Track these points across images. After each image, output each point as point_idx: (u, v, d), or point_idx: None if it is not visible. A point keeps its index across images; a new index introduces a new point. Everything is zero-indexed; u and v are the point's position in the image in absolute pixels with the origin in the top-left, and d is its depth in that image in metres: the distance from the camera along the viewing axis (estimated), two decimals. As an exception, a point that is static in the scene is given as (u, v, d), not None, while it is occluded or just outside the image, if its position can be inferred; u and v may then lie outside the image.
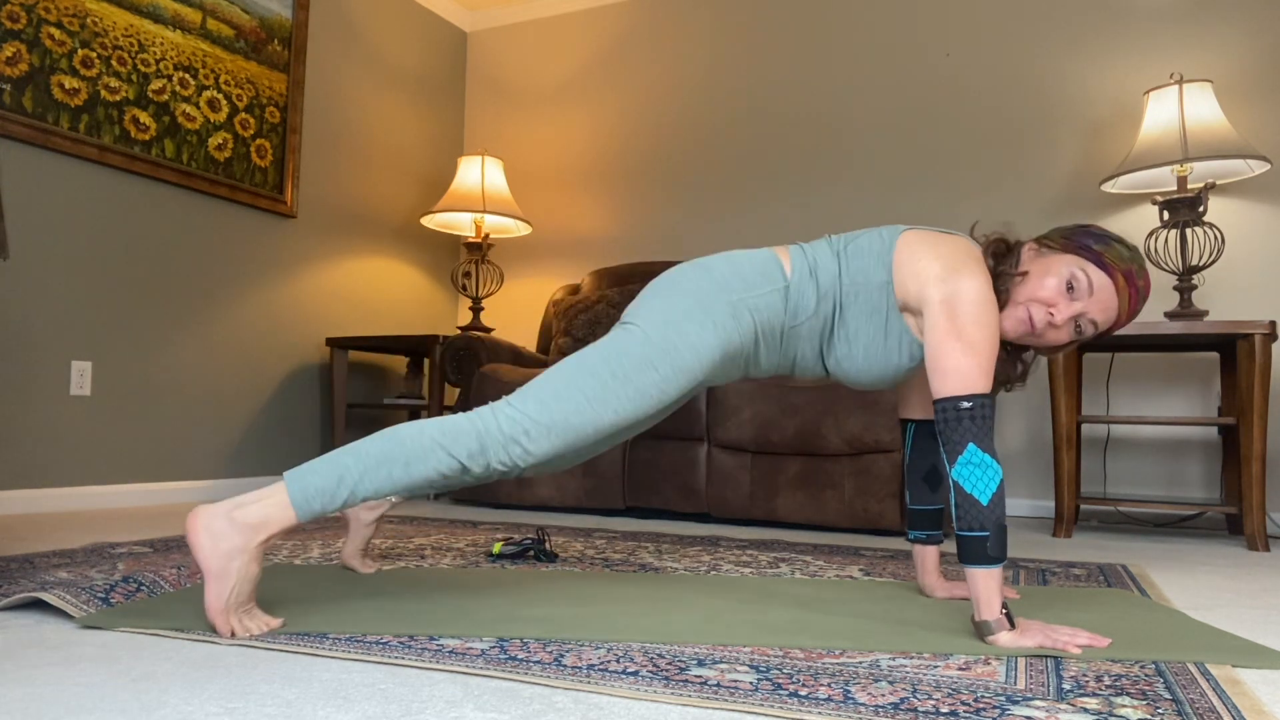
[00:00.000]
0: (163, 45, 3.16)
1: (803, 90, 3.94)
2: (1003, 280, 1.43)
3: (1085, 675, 1.13)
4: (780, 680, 1.08)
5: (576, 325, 3.70)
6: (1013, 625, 1.27)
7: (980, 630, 1.28)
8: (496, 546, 2.05)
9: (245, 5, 3.47)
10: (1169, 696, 1.05)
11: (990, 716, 0.96)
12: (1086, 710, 0.99)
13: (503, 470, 1.35)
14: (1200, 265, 2.89)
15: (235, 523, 1.25)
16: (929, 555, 1.66)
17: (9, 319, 2.73)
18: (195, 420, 3.30)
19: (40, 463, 2.81)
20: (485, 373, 3.28)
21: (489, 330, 4.03)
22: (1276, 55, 3.20)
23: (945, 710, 0.98)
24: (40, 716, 0.92)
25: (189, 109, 3.25)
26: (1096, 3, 3.48)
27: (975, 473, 1.30)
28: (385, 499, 1.76)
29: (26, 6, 2.75)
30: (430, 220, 4.07)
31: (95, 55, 2.94)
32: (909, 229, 1.48)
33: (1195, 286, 2.90)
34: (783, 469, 2.84)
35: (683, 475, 2.99)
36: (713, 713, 0.97)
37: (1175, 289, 2.92)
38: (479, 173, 3.95)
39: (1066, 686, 1.08)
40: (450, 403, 4.28)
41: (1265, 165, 2.90)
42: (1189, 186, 2.96)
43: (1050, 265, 1.42)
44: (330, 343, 3.76)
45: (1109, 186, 3.14)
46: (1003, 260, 1.45)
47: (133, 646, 1.20)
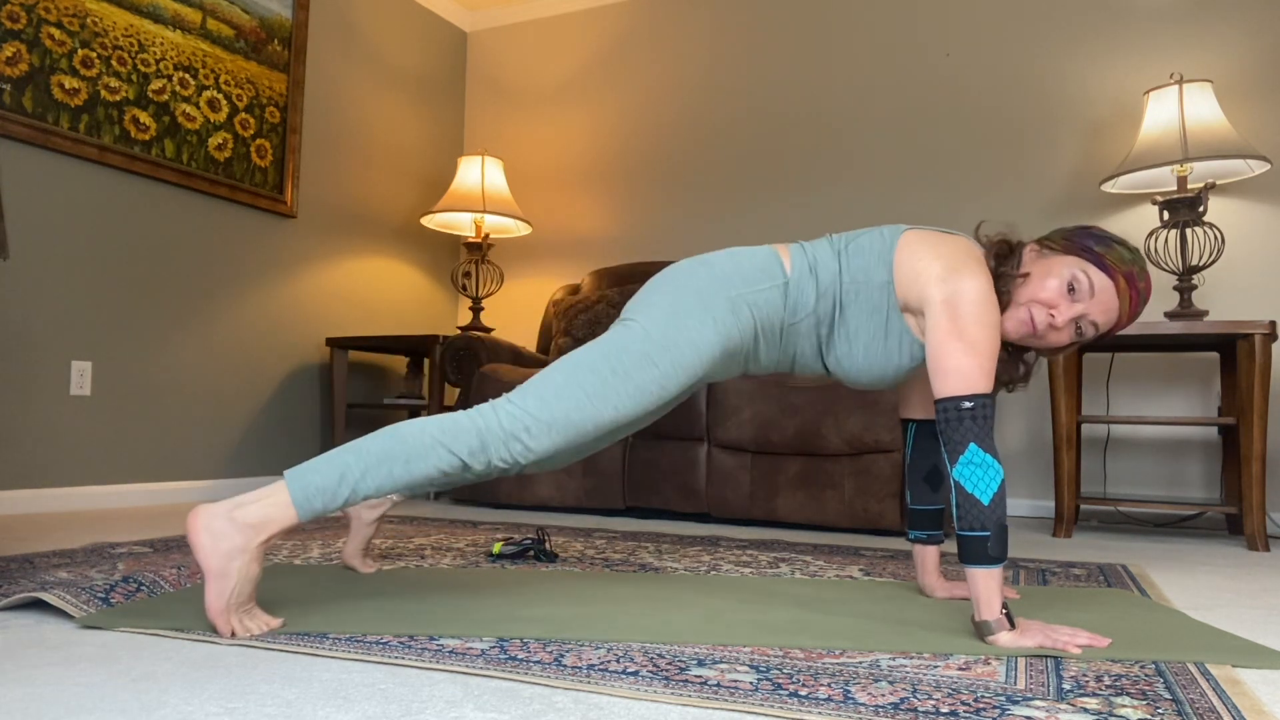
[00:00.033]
0: (163, 45, 3.16)
1: (803, 90, 3.94)
2: (1004, 281, 1.43)
3: (1085, 675, 1.13)
4: (780, 680, 1.08)
5: (576, 325, 3.70)
6: (1013, 625, 1.27)
7: (980, 630, 1.28)
8: (496, 546, 2.05)
9: (245, 5, 3.47)
10: (1169, 696, 1.05)
11: (990, 716, 0.96)
12: (1086, 710, 0.99)
13: (503, 467, 1.35)
14: (1200, 265, 2.89)
15: (236, 522, 1.24)
16: (929, 555, 1.66)
17: (9, 319, 2.73)
18: (195, 420, 3.30)
19: (40, 463, 2.81)
20: (485, 373, 3.28)
21: (489, 330, 4.03)
22: (1276, 55, 3.20)
23: (945, 710, 0.98)
24: (40, 716, 0.92)
25: (189, 109, 3.25)
26: (1096, 3, 3.48)
27: (976, 473, 1.30)
28: (386, 498, 1.76)
29: (26, 6, 2.75)
30: (430, 220, 4.07)
31: (95, 55, 2.94)
32: (910, 229, 1.48)
33: (1195, 286, 2.90)
34: (783, 469, 2.84)
35: (683, 475, 2.99)
36: (713, 713, 0.97)
37: (1175, 289, 2.92)
38: (479, 173, 3.95)
39: (1066, 686, 1.08)
40: (450, 403, 4.28)
41: (1265, 165, 2.90)
42: (1189, 186, 2.96)
43: (1052, 266, 1.42)
44: (330, 343, 3.76)
45: (1109, 186, 3.14)
46: (1004, 261, 1.45)
47: (133, 646, 1.20)
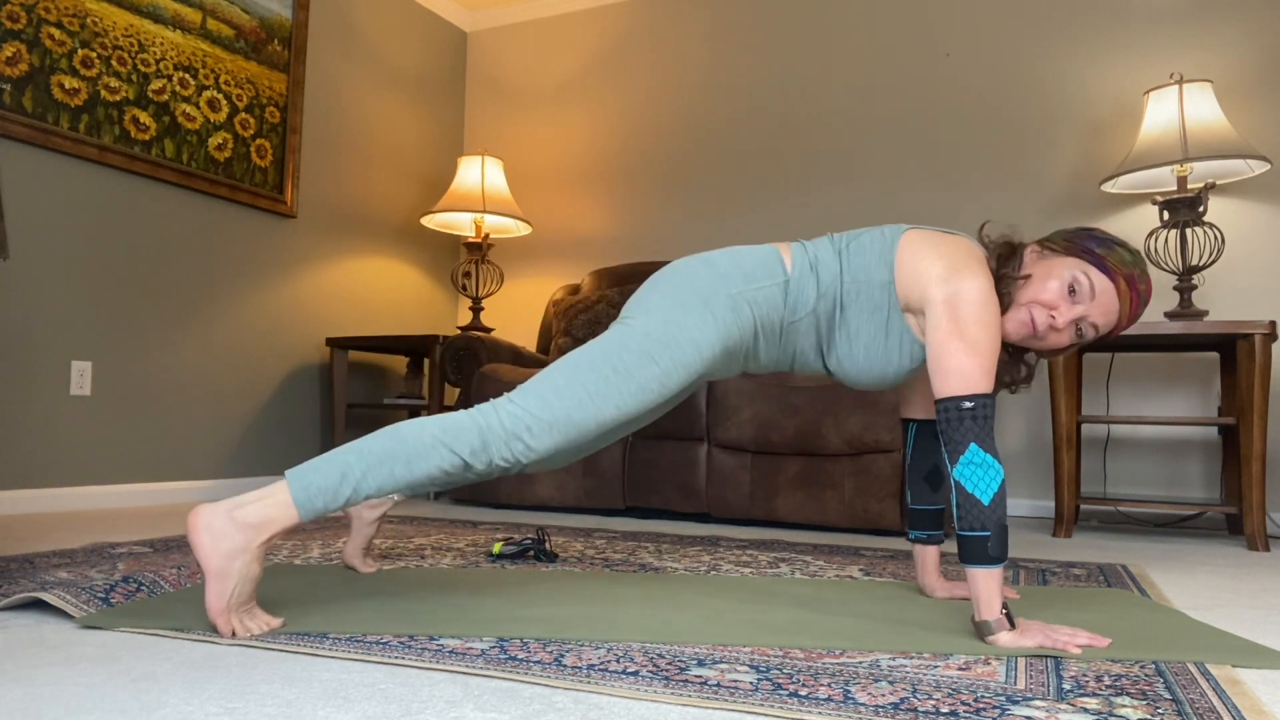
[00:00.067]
0: (163, 45, 3.16)
1: (802, 90, 3.94)
2: (1005, 282, 1.44)
3: (1085, 675, 1.13)
4: (780, 680, 1.08)
5: (576, 325, 3.70)
6: (1013, 625, 1.27)
7: (980, 630, 1.28)
8: (496, 546, 2.05)
9: (245, 5, 3.47)
10: (1169, 696, 1.05)
11: (990, 716, 0.96)
12: (1086, 710, 0.99)
13: (504, 467, 1.35)
14: (1200, 265, 2.89)
15: (236, 522, 1.24)
16: (929, 555, 1.66)
17: (9, 319, 2.73)
18: (195, 420, 3.30)
19: (40, 463, 2.81)
20: (485, 373, 3.28)
21: (489, 330, 4.03)
22: (1276, 55, 3.20)
23: (945, 710, 0.98)
24: (40, 716, 0.92)
25: (189, 109, 3.25)
26: (1096, 3, 3.48)
27: (977, 473, 1.30)
28: (387, 497, 1.76)
29: (26, 6, 2.75)
30: (430, 220, 4.07)
31: (95, 55, 2.94)
32: (911, 228, 1.48)
33: (1195, 286, 2.90)
34: (783, 469, 2.84)
35: (683, 475, 2.99)
36: (713, 713, 0.97)
37: (1175, 289, 2.92)
38: (479, 173, 3.95)
39: (1066, 686, 1.08)
40: (450, 403, 4.28)
41: (1265, 165, 2.90)
42: (1189, 186, 2.96)
43: (1052, 268, 1.42)
44: (330, 343, 3.76)
45: (1109, 186, 3.14)
46: (1006, 262, 1.45)
47: (133, 646, 1.20)
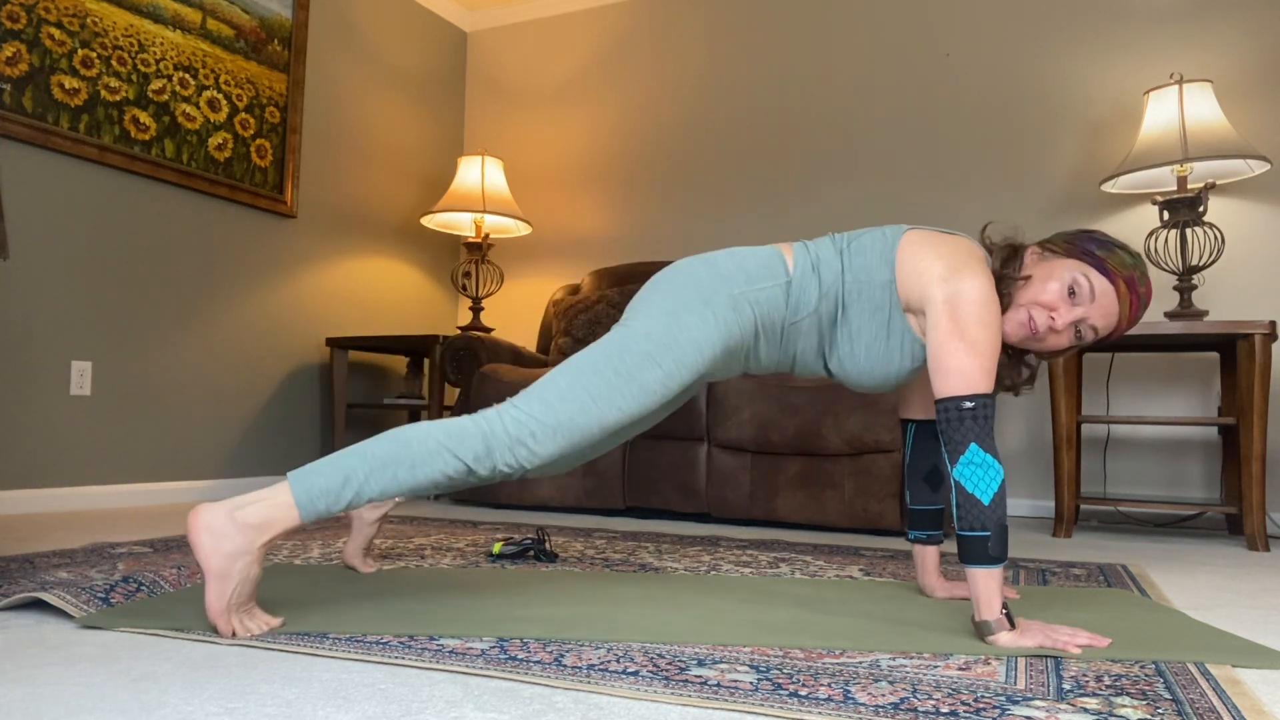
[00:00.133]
0: (163, 45, 3.16)
1: (802, 90, 3.94)
2: (1005, 283, 1.44)
3: (1085, 675, 1.13)
4: (780, 680, 1.08)
5: (576, 325, 3.70)
6: (1013, 625, 1.27)
7: (980, 630, 1.28)
8: (496, 546, 2.05)
9: (245, 5, 3.47)
10: (1169, 696, 1.05)
11: (990, 716, 0.96)
12: (1086, 710, 0.99)
13: (508, 472, 1.35)
14: (1200, 265, 2.89)
15: (237, 523, 1.24)
16: (929, 555, 1.66)
17: (9, 319, 2.73)
18: (195, 420, 3.30)
19: (40, 463, 2.81)
20: (485, 373, 3.28)
21: (489, 330, 4.03)
22: (1276, 55, 3.20)
23: (945, 710, 0.98)
24: (40, 716, 0.92)
25: (189, 109, 3.25)
26: (1096, 3, 3.48)
27: (977, 473, 1.30)
28: (389, 499, 1.76)
29: (26, 6, 2.75)
30: (430, 220, 4.07)
31: (95, 55, 2.94)
32: (912, 228, 1.48)
33: (1195, 286, 2.90)
34: (783, 469, 2.84)
35: (683, 475, 2.99)
36: (713, 713, 0.97)
37: (1175, 289, 2.92)
38: (479, 173, 3.95)
39: (1066, 686, 1.08)
40: (450, 403, 4.28)
41: (1265, 165, 2.90)
42: (1189, 186, 2.96)
43: (1053, 269, 1.42)
44: (330, 343, 3.76)
45: (1109, 186, 3.14)
46: (1007, 263, 1.45)
47: (133, 646, 1.20)
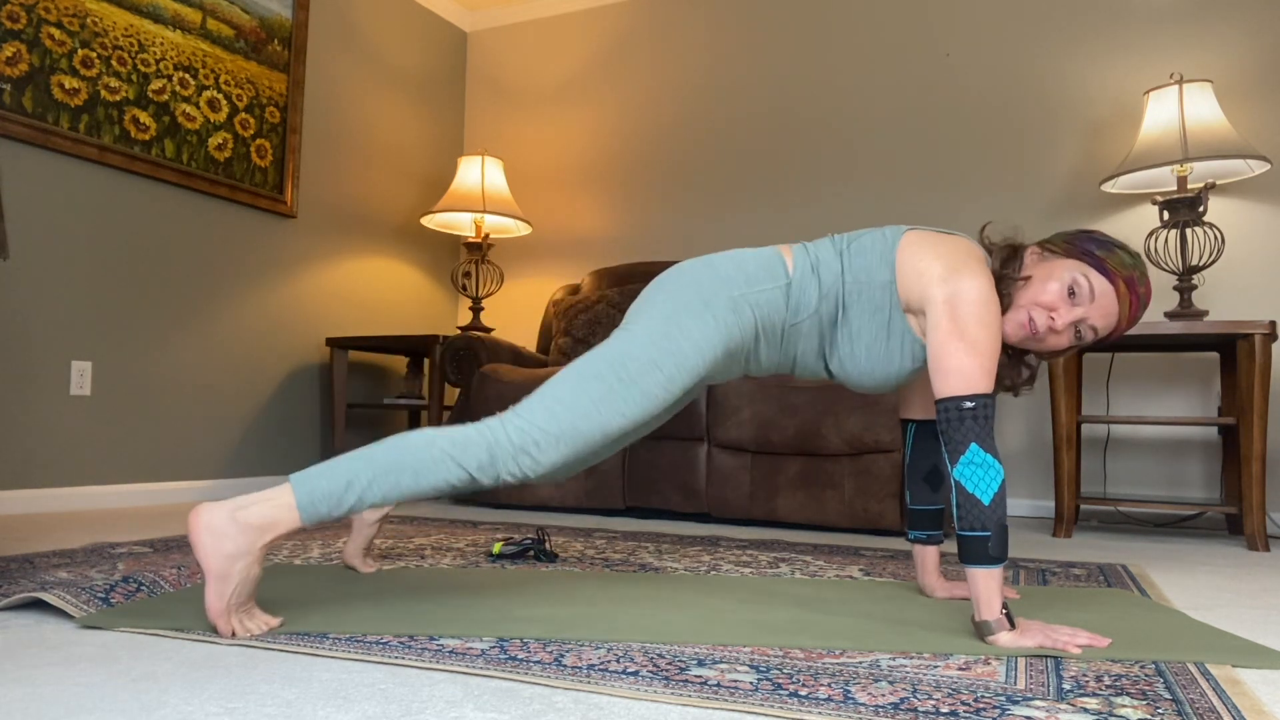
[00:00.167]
0: (163, 45, 3.16)
1: (802, 91, 3.94)
2: (1005, 284, 1.44)
3: (1085, 675, 1.13)
4: (780, 680, 1.08)
5: (576, 325, 3.70)
6: (1013, 625, 1.27)
7: (980, 630, 1.28)
8: (496, 546, 2.05)
9: (245, 5, 3.47)
10: (1169, 696, 1.05)
11: (990, 716, 0.96)
12: (1086, 710, 0.99)
13: (511, 481, 1.35)
14: (1200, 265, 2.89)
15: (239, 523, 1.24)
16: (929, 555, 1.66)
17: (9, 319, 2.73)
18: (195, 420, 3.30)
19: (40, 463, 2.81)
20: (485, 373, 3.28)
21: (489, 330, 4.03)
22: (1276, 55, 3.20)
23: (945, 710, 0.98)
24: (40, 716, 0.92)
25: (189, 109, 3.25)
26: (1096, 3, 3.47)
27: (977, 473, 1.30)
28: (391, 504, 1.76)
29: (26, 6, 2.75)
30: (430, 220, 4.07)
31: (95, 55, 2.94)
32: (911, 229, 1.48)
33: (1195, 286, 2.90)
34: (783, 469, 2.84)
35: (683, 475, 2.99)
36: (713, 713, 0.97)
37: (1175, 289, 2.92)
38: (479, 173, 3.95)
39: (1066, 686, 1.08)
40: (450, 403, 4.28)
41: (1265, 165, 2.90)
42: (1189, 186, 2.96)
43: (1053, 270, 1.42)
44: (330, 343, 3.76)
45: (1109, 186, 3.14)
46: (1006, 263, 1.45)
47: (133, 646, 1.20)
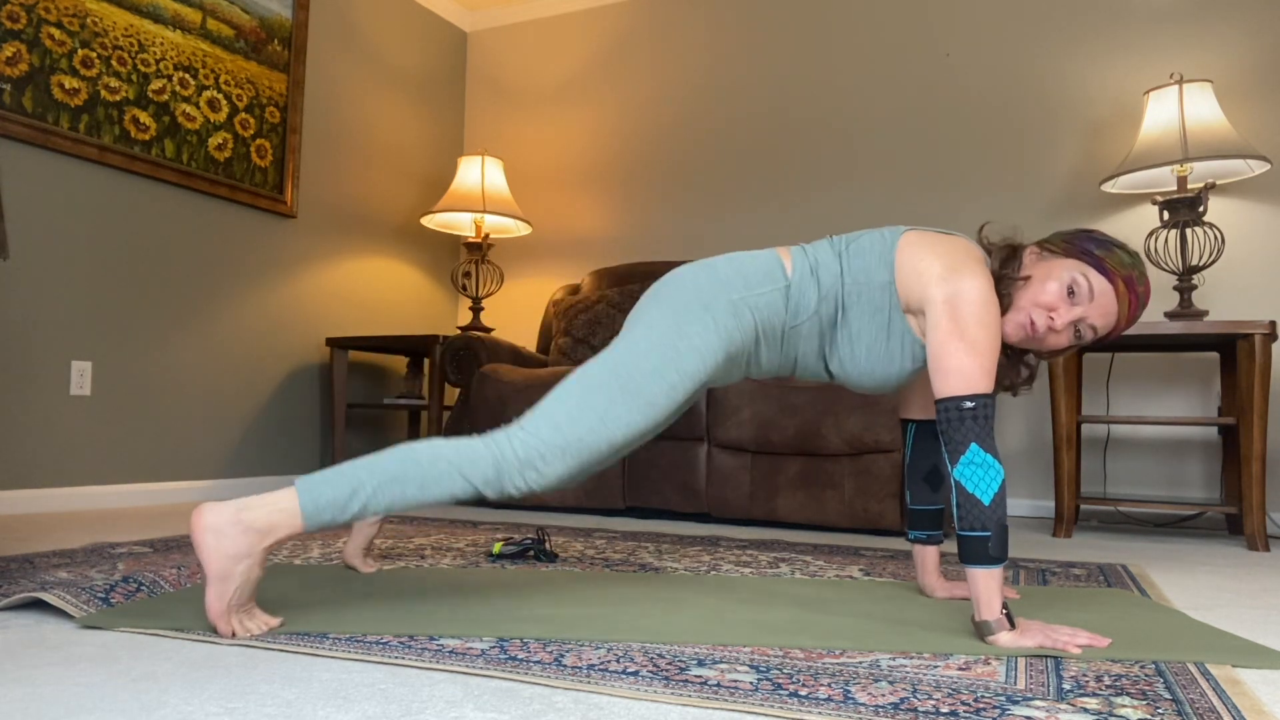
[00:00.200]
0: (163, 45, 3.16)
1: (802, 91, 3.94)
2: (1005, 283, 1.44)
3: (1085, 675, 1.13)
4: (780, 680, 1.08)
5: (576, 325, 3.70)
6: (1013, 625, 1.27)
7: (980, 630, 1.28)
8: (496, 546, 2.05)
9: (245, 5, 3.47)
10: (1169, 696, 1.05)
11: (990, 716, 0.96)
12: (1086, 710, 0.99)
13: (516, 495, 1.36)
14: (1200, 265, 2.89)
15: (242, 524, 1.24)
16: (929, 555, 1.66)
17: (9, 319, 2.73)
18: (195, 420, 3.30)
19: (40, 463, 2.81)
20: (485, 373, 3.28)
21: (489, 330, 4.03)
22: (1276, 55, 3.20)
23: (945, 710, 0.98)
24: (40, 716, 0.92)
25: (189, 109, 3.25)
26: (1096, 3, 3.47)
27: (977, 473, 1.30)
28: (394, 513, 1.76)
29: (26, 6, 2.75)
30: (430, 220, 4.07)
31: (95, 55, 2.94)
32: (910, 229, 1.48)
33: (1195, 286, 2.90)
34: (783, 469, 2.84)
35: (683, 475, 2.99)
36: (713, 713, 0.97)
37: (1175, 289, 2.92)
38: (479, 173, 3.95)
39: (1066, 686, 1.08)
40: (450, 403, 4.28)
41: (1265, 165, 2.90)
42: (1189, 186, 2.96)
43: (1052, 269, 1.42)
44: (330, 343, 3.76)
45: (1109, 186, 3.13)
46: (1005, 263, 1.45)
47: (133, 646, 1.20)
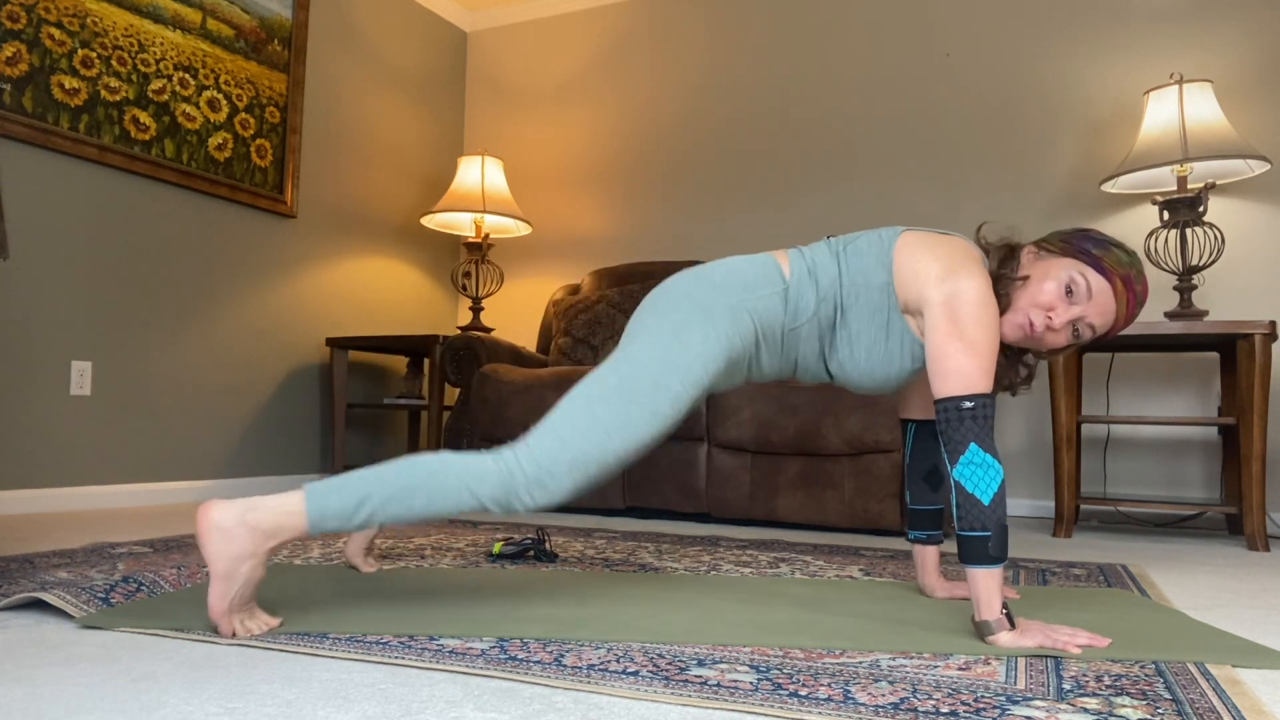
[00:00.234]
0: (163, 45, 3.16)
1: (803, 90, 3.94)
2: (1003, 284, 1.44)
3: (1085, 675, 1.13)
4: (780, 680, 1.08)
5: (576, 325, 3.70)
6: (1013, 625, 1.27)
7: (980, 630, 1.29)
8: (496, 546, 2.05)
9: (245, 5, 3.47)
10: (1169, 696, 1.05)
11: (990, 716, 0.96)
12: (1086, 710, 0.99)
13: (521, 511, 1.36)
14: (1200, 265, 2.89)
15: (248, 525, 1.25)
16: (929, 555, 1.66)
17: (9, 319, 2.73)
18: (195, 420, 3.30)
19: (40, 463, 2.81)
20: (485, 373, 3.28)
21: (489, 330, 4.03)
22: (1276, 55, 3.20)
23: (945, 710, 0.98)
24: (40, 716, 0.92)
25: (189, 109, 3.25)
26: (1096, 3, 3.47)
27: (977, 473, 1.30)
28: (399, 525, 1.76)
29: (26, 6, 2.75)
30: (430, 220, 4.07)
31: (95, 55, 2.94)
32: (907, 230, 1.48)
33: (1195, 286, 2.90)
34: (783, 469, 2.84)
35: (683, 475, 2.99)
36: (713, 713, 0.97)
37: (1175, 289, 2.92)
38: (479, 173, 3.95)
39: (1066, 686, 1.08)
40: (450, 403, 4.28)
41: (1265, 165, 2.90)
42: (1189, 186, 2.96)
43: (1049, 269, 1.42)
44: (330, 343, 3.76)
45: (1109, 186, 3.14)
46: (1003, 263, 1.45)
47: (133, 646, 1.20)
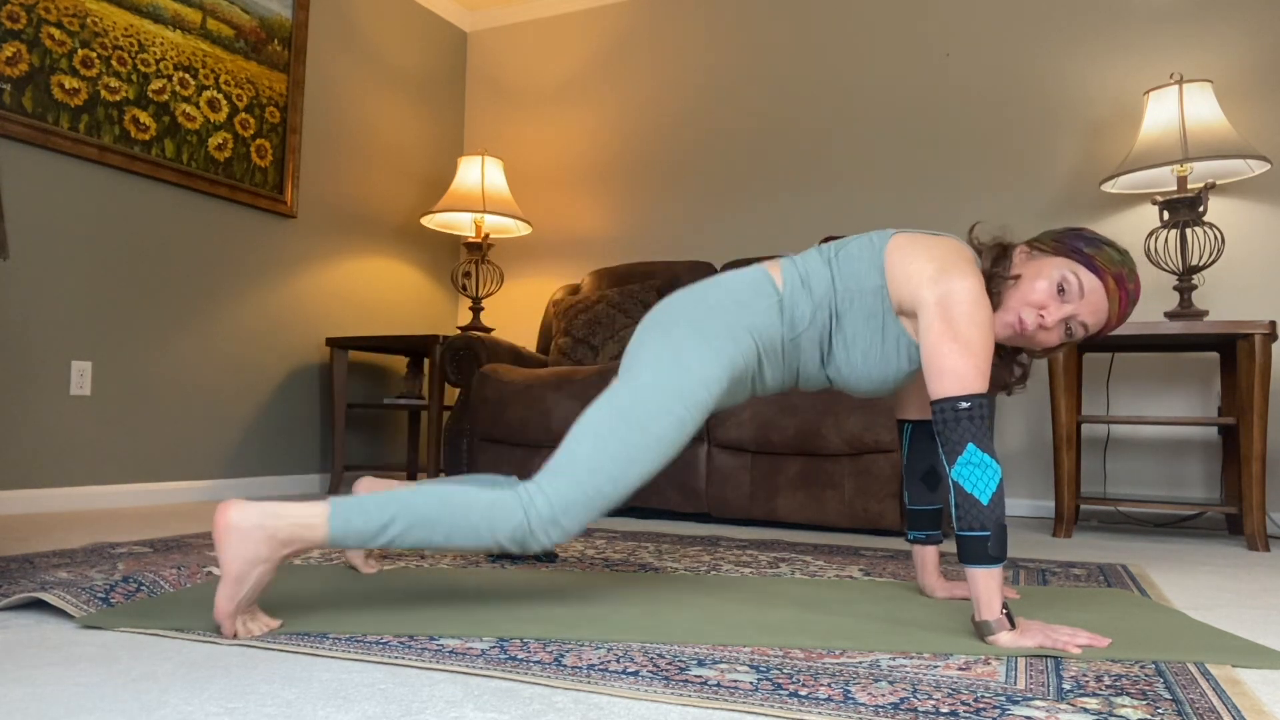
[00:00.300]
0: (163, 45, 3.16)
1: (802, 90, 3.94)
2: (995, 283, 1.44)
3: (1085, 675, 1.13)
4: (780, 680, 1.08)
5: (576, 325, 3.70)
6: (1013, 625, 1.27)
7: (980, 630, 1.29)
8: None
9: (245, 5, 3.47)
10: (1169, 696, 1.05)
11: (990, 716, 0.96)
12: (1086, 710, 0.99)
13: (536, 549, 1.37)
14: (1200, 265, 2.89)
15: (266, 531, 1.25)
16: (929, 555, 1.66)
17: (9, 319, 2.73)
18: (195, 420, 3.30)
19: (40, 463, 2.81)
20: (485, 373, 3.28)
21: (489, 330, 4.03)
22: (1276, 55, 3.20)
23: (945, 710, 0.98)
24: (40, 716, 0.92)
25: (189, 109, 3.25)
26: (1096, 3, 3.47)
27: (975, 473, 1.30)
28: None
29: (26, 6, 2.75)
30: (430, 220, 4.07)
31: (95, 55, 2.94)
32: (898, 232, 1.49)
33: (1195, 286, 2.90)
34: (783, 469, 2.84)
35: (683, 475, 2.99)
36: (713, 713, 0.97)
37: (1175, 289, 2.92)
38: (479, 173, 3.95)
39: (1066, 686, 1.08)
40: (450, 403, 4.28)
41: (1265, 165, 2.90)
42: (1189, 186, 2.96)
43: (1041, 268, 1.43)
44: (330, 343, 3.76)
45: (1109, 186, 3.14)
46: (996, 263, 1.46)
47: (133, 646, 1.20)
